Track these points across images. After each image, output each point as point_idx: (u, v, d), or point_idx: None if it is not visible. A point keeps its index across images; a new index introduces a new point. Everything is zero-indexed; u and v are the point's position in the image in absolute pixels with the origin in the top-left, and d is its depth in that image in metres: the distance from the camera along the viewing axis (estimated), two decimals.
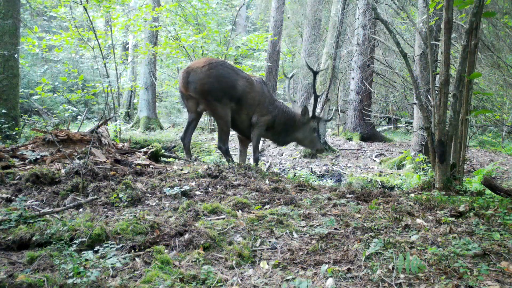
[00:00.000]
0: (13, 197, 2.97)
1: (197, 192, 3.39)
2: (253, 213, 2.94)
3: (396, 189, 5.97)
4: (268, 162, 7.86)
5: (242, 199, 3.16)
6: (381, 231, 2.57)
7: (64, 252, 2.11)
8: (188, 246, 2.31)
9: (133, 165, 4.16)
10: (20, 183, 3.23)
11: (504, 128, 10.66)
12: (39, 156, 3.89)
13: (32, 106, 10.51)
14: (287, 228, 2.66)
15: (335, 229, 2.62)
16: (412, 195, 3.74)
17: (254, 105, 5.09)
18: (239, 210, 2.99)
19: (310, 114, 5.26)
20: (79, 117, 11.65)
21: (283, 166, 7.75)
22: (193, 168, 4.20)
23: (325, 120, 6.36)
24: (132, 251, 2.24)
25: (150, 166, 4.27)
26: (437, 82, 4.37)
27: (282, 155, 8.63)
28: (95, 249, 2.16)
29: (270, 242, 2.45)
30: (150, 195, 3.27)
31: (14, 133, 6.48)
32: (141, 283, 1.90)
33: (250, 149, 5.45)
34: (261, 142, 9.18)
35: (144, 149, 5.05)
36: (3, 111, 6.43)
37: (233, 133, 11.18)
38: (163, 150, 5.31)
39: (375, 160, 8.44)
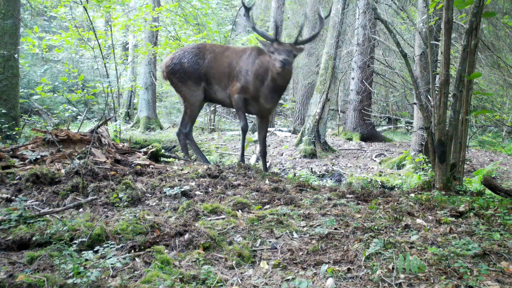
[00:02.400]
0: (13, 197, 2.97)
1: (197, 192, 3.39)
2: (253, 213, 2.94)
3: (396, 189, 5.97)
4: (268, 162, 7.86)
5: (242, 199, 3.16)
6: (381, 231, 2.57)
7: (64, 252, 2.11)
8: (188, 246, 2.31)
9: (133, 165, 4.16)
10: (20, 183, 3.23)
11: (504, 128, 10.66)
12: (39, 156, 3.89)
13: (32, 106, 10.50)
14: (287, 228, 2.66)
15: (335, 229, 2.62)
16: (412, 195, 3.74)
17: (222, 77, 4.91)
18: (239, 210, 2.99)
19: (265, 40, 4.53)
20: (79, 117, 11.64)
21: (283, 166, 7.75)
22: (193, 168, 4.20)
23: (300, 43, 4.68)
24: (132, 251, 2.24)
25: (150, 166, 4.27)
26: (437, 82, 4.37)
27: (282, 155, 8.63)
28: (95, 249, 2.16)
29: (270, 242, 2.45)
30: (150, 195, 3.28)
31: (14, 133, 6.47)
32: (141, 283, 1.90)
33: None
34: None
35: (144, 149, 5.05)
36: (3, 111, 6.42)
37: (232, 132, 11.16)
38: (163, 150, 5.31)
39: (375, 160, 8.43)
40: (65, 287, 1.79)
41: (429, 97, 5.44)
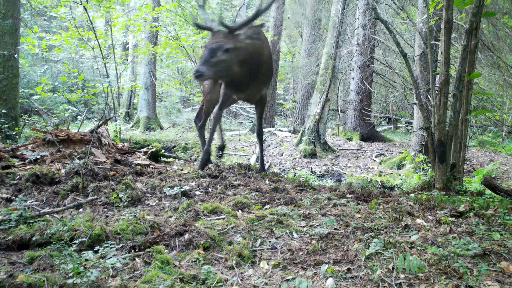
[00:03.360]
0: (13, 197, 2.97)
1: (197, 192, 3.39)
2: (253, 213, 2.94)
3: (396, 189, 5.97)
4: (268, 162, 7.86)
5: (242, 199, 3.16)
6: (381, 231, 2.57)
7: (64, 252, 2.11)
8: (188, 246, 2.31)
9: (133, 165, 4.16)
10: (20, 183, 3.23)
11: (504, 128, 10.65)
12: (39, 156, 3.89)
13: (32, 106, 10.50)
14: (287, 228, 2.65)
15: (335, 229, 2.62)
16: (412, 195, 3.74)
17: None
18: (239, 210, 2.99)
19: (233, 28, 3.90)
20: (79, 117, 11.65)
21: (283, 166, 7.75)
22: (193, 168, 4.20)
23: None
24: (132, 251, 2.24)
25: (150, 166, 4.27)
26: (437, 82, 4.37)
27: (282, 155, 8.63)
28: (95, 249, 2.16)
29: (270, 242, 2.45)
30: (150, 195, 3.28)
31: (14, 133, 6.48)
32: (141, 283, 1.89)
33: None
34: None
35: (144, 149, 5.05)
36: (3, 111, 6.42)
37: (232, 133, 11.15)
38: (163, 150, 5.32)
39: (375, 160, 8.43)
40: (65, 287, 1.79)
41: (429, 97, 5.44)
